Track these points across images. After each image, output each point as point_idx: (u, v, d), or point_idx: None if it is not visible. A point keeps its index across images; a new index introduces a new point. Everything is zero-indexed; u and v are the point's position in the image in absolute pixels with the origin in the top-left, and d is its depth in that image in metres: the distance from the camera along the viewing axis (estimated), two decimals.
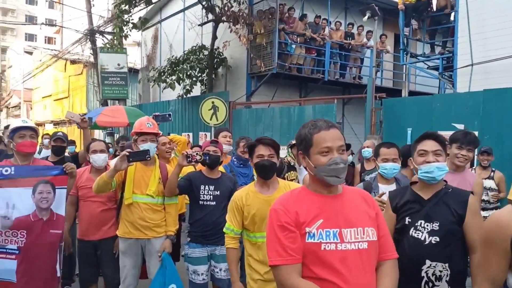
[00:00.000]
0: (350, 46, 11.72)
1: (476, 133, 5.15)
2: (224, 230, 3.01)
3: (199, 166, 4.64)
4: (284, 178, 4.74)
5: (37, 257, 3.22)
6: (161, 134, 4.46)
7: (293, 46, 10.93)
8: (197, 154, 3.51)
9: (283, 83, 11.33)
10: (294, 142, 5.54)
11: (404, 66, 10.25)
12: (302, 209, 1.78)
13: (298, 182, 5.55)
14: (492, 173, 5.33)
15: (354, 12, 12.29)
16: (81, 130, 4.79)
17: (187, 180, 3.69)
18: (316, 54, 11.44)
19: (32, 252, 3.20)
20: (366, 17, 8.67)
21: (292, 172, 5.38)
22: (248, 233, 2.94)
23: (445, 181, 2.46)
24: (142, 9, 13.81)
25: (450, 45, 9.02)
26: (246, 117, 10.28)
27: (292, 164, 5.40)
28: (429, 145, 2.45)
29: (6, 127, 5.91)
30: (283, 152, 5.75)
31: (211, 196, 3.65)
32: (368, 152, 5.86)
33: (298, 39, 11.10)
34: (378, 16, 8.95)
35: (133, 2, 11.57)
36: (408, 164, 2.66)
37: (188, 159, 3.47)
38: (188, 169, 4.34)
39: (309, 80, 11.77)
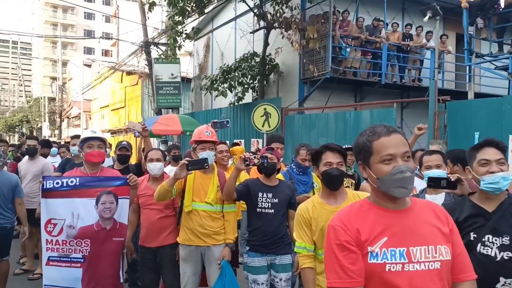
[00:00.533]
0: (409, 48, 11.25)
1: None
2: (296, 250, 2.79)
3: (253, 172, 4.57)
4: None
5: (101, 264, 3.31)
6: (218, 142, 4.51)
7: (348, 49, 10.64)
8: (254, 157, 3.45)
9: (337, 88, 11.03)
10: (346, 146, 5.35)
11: (468, 67, 9.67)
12: (364, 226, 1.59)
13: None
14: None
15: (413, 12, 11.81)
16: (142, 138, 4.90)
17: (245, 186, 3.66)
18: (372, 57, 11.08)
19: (96, 260, 3.29)
20: (427, 17, 8.29)
21: (345, 179, 5.20)
22: (316, 250, 2.73)
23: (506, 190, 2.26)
24: (195, 19, 14.12)
25: None
26: (299, 123, 10.12)
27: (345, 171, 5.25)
28: (491, 153, 2.24)
29: (74, 137, 6.18)
30: None
31: (269, 204, 3.58)
32: None
33: (353, 42, 10.80)
34: (440, 15, 8.53)
35: (187, 13, 11.78)
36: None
37: (246, 163, 3.42)
38: (243, 177, 4.28)
39: (364, 83, 11.39)
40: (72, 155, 6.15)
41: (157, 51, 16.23)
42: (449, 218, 1.69)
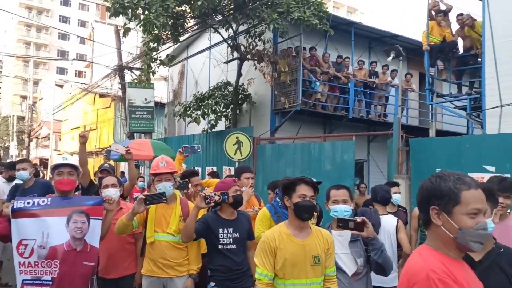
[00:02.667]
0: (375, 85, 11.75)
1: (508, 175, 4.97)
2: (257, 276, 2.78)
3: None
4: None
5: None
6: (177, 172, 4.36)
7: (317, 83, 11.01)
8: (215, 194, 3.36)
9: (307, 120, 11.37)
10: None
11: (430, 105, 10.15)
12: (468, 281, 1.55)
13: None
14: None
15: (378, 51, 12.39)
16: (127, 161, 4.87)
17: (203, 223, 3.53)
18: (339, 92, 11.49)
19: (65, 283, 3.15)
20: (391, 57, 8.73)
21: None
22: (277, 279, 2.77)
23: (493, 237, 2.25)
24: (170, 46, 14.27)
25: (478, 86, 8.87)
26: (270, 153, 10.23)
27: None
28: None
29: (20, 161, 5.63)
30: None
31: (231, 240, 3.52)
32: (397, 197, 5.54)
33: (321, 76, 11.20)
34: (403, 56, 8.98)
35: (161, 40, 11.93)
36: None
37: (207, 201, 3.34)
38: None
39: (333, 117, 11.80)
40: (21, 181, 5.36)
41: (131, 75, 16.24)
42: None
